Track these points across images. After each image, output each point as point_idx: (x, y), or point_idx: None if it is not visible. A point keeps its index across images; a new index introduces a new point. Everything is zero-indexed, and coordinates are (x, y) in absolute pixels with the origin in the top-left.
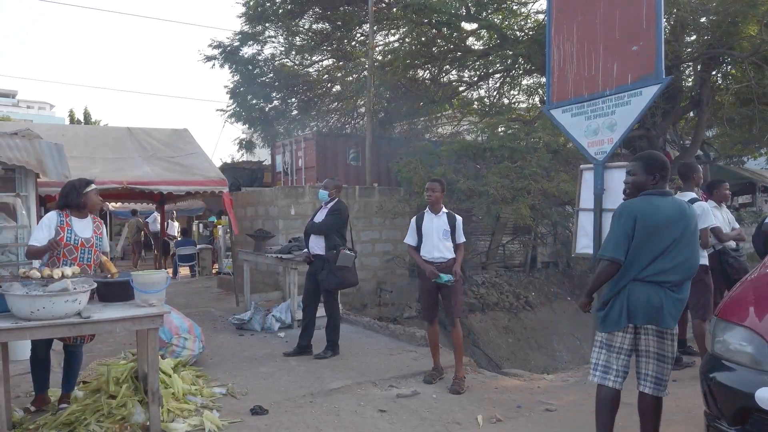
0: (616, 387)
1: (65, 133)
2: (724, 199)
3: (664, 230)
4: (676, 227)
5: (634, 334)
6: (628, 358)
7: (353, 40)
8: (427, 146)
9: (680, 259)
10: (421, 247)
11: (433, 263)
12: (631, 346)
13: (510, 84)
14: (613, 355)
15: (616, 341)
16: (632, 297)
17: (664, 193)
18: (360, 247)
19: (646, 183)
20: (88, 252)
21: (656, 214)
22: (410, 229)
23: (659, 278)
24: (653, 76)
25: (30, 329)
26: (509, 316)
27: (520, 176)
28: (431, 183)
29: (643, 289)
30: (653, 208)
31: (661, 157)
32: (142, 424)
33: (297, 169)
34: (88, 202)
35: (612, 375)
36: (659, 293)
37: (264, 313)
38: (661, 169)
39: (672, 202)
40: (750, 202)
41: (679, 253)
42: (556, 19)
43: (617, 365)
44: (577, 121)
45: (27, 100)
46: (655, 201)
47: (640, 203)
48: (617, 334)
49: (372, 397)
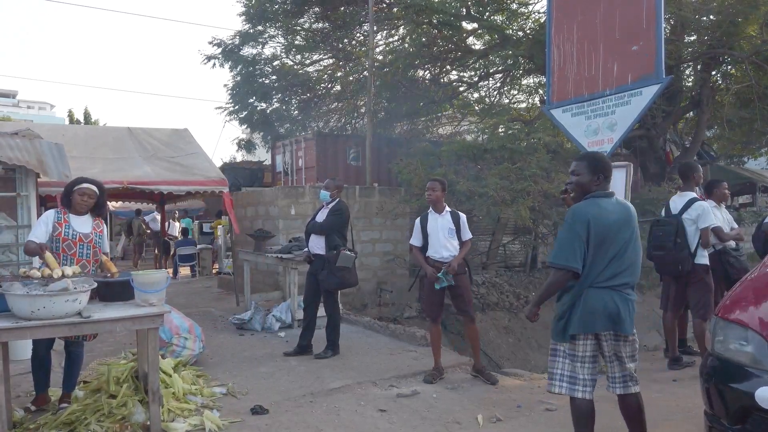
0: (587, 397)
1: (65, 133)
2: (724, 199)
3: (615, 233)
4: (626, 229)
5: (595, 340)
6: (592, 365)
7: (353, 40)
8: (427, 147)
9: (631, 261)
10: (428, 247)
11: (441, 263)
12: (594, 352)
13: (510, 84)
14: (578, 364)
15: (578, 350)
16: (589, 304)
17: (608, 194)
18: (360, 247)
19: (590, 184)
20: (87, 248)
21: (606, 217)
22: (415, 230)
23: (614, 282)
24: (653, 76)
25: (30, 329)
26: (509, 316)
27: (519, 177)
28: (431, 182)
29: (599, 296)
30: (603, 211)
31: (605, 158)
32: (142, 423)
33: (297, 169)
34: (73, 201)
35: (580, 386)
36: (615, 298)
37: (264, 312)
38: (605, 170)
39: (617, 203)
40: (750, 202)
41: (630, 254)
42: (557, 19)
43: (583, 374)
44: (578, 120)
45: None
46: (602, 203)
47: (590, 207)
48: (578, 343)
49: (372, 397)
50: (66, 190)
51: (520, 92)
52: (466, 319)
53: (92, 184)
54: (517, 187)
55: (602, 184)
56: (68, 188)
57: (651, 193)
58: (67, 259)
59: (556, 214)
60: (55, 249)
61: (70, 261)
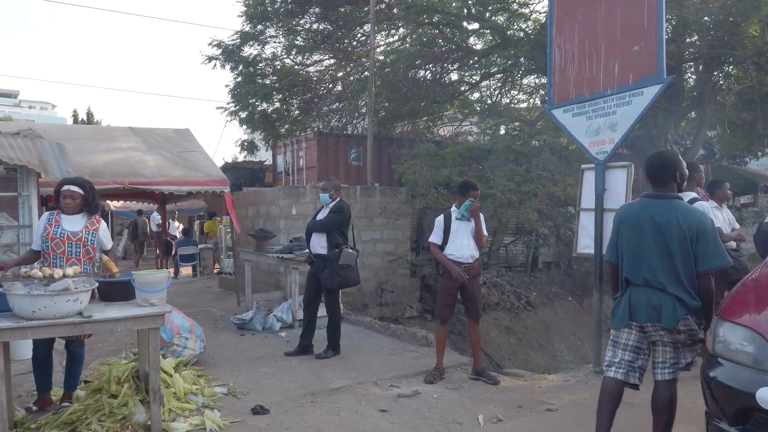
0: (617, 377)
1: (67, 133)
2: (725, 199)
3: (643, 233)
4: (666, 230)
5: (640, 331)
6: (634, 353)
7: (354, 40)
8: (430, 148)
9: (655, 260)
10: (448, 246)
11: (461, 264)
12: (639, 342)
13: (511, 84)
14: (619, 350)
15: (621, 337)
16: (633, 297)
17: (659, 196)
18: (361, 247)
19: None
20: (77, 246)
21: (635, 217)
22: (437, 228)
23: (652, 281)
24: (654, 76)
25: (31, 329)
26: (510, 316)
27: (525, 179)
28: (476, 191)
29: (643, 291)
30: (639, 211)
31: (654, 158)
32: (143, 423)
33: (298, 169)
34: (60, 202)
35: (614, 367)
36: (658, 295)
37: (265, 312)
38: (648, 171)
39: (661, 205)
40: (752, 202)
41: (670, 255)
42: (558, 19)
43: (620, 357)
44: (579, 121)
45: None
46: (644, 203)
47: (628, 206)
48: (623, 331)
49: (373, 397)
50: (55, 191)
51: (520, 93)
52: (472, 321)
53: (75, 184)
54: (524, 189)
55: (654, 185)
56: (56, 189)
57: None
58: (56, 258)
59: (558, 215)
60: (44, 248)
61: (59, 260)
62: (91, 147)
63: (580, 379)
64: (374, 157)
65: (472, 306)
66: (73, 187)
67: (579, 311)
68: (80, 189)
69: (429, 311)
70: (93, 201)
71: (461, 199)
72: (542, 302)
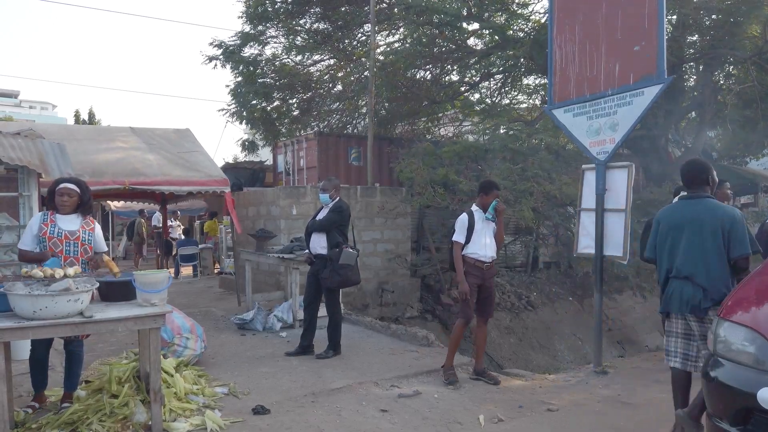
0: (677, 366)
1: (67, 133)
2: (726, 199)
3: (678, 231)
4: (700, 226)
5: (683, 319)
6: (683, 341)
7: (354, 41)
8: (428, 147)
9: (689, 254)
10: (470, 245)
11: (483, 263)
12: (687, 330)
13: (511, 85)
14: (671, 339)
15: (671, 326)
16: (670, 289)
17: (692, 196)
18: (361, 247)
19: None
20: (75, 245)
21: (671, 217)
22: (460, 226)
23: (683, 273)
24: (655, 76)
25: (32, 329)
26: (511, 317)
27: (522, 178)
28: (498, 191)
29: (678, 283)
30: (673, 212)
31: (689, 165)
32: (144, 423)
33: (299, 169)
34: (56, 202)
35: (671, 356)
36: (689, 286)
37: (266, 312)
38: (683, 175)
39: (690, 204)
40: (752, 202)
41: (703, 249)
42: (558, 19)
43: (672, 347)
44: (579, 121)
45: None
46: (680, 204)
47: (669, 207)
48: (672, 320)
49: (374, 397)
50: (49, 191)
51: (520, 93)
52: (482, 321)
53: (72, 183)
54: (520, 187)
55: (689, 188)
56: (51, 189)
57: (653, 194)
58: (55, 256)
59: (557, 215)
60: (41, 248)
61: (58, 258)
62: (91, 147)
63: (580, 379)
64: (374, 157)
65: (488, 306)
66: (69, 185)
67: (579, 311)
68: (77, 187)
69: (429, 311)
70: (87, 201)
71: (484, 198)
72: (542, 302)
